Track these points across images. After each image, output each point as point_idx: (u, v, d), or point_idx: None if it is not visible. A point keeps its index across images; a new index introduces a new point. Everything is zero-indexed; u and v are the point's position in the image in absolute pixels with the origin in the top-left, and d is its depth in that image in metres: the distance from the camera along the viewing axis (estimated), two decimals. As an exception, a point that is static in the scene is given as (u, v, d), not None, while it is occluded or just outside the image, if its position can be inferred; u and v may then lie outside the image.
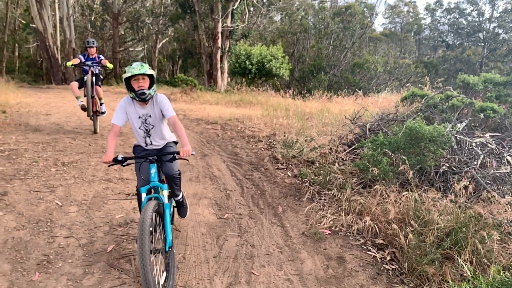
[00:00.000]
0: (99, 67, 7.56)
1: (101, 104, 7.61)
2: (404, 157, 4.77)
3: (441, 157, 5.08)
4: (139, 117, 3.24)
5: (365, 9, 29.75)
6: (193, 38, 26.20)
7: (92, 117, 7.57)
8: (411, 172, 4.60)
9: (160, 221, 2.95)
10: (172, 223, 3.32)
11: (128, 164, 2.97)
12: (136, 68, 2.99)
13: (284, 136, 7.49)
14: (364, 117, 7.80)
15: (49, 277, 2.96)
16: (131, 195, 4.67)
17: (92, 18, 29.95)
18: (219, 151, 6.98)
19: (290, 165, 6.08)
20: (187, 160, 2.88)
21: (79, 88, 7.31)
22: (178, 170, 3.39)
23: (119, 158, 2.94)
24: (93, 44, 7.53)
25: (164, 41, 32.20)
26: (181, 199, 3.64)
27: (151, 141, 3.35)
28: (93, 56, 7.45)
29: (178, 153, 3.02)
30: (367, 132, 6.76)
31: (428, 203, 4.03)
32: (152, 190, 3.09)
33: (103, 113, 7.73)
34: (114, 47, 26.49)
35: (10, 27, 29.63)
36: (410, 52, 37.73)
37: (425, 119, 6.33)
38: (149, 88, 3.08)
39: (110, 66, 7.55)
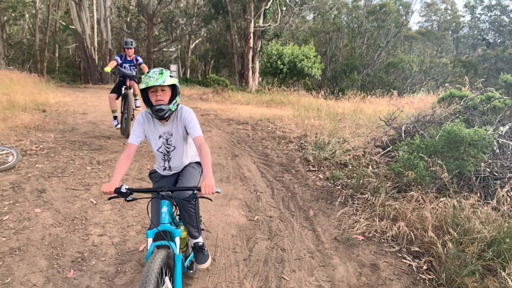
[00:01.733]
0: (136, 70, 7.19)
1: (136, 99, 7.34)
2: (441, 162, 4.56)
3: (482, 161, 4.84)
4: (160, 137, 2.70)
5: (400, 7, 28.99)
6: (225, 38, 26.37)
7: (125, 121, 7.02)
8: (449, 177, 4.41)
9: (170, 277, 2.30)
10: (190, 269, 2.90)
11: (134, 199, 2.36)
12: (153, 77, 2.44)
13: (316, 137, 7.37)
14: (399, 119, 7.56)
15: (83, 275, 3.02)
16: (163, 195, 4.71)
17: (128, 19, 30.72)
18: (250, 151, 6.96)
19: (322, 167, 5.97)
20: (210, 199, 2.39)
21: (117, 98, 6.96)
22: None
23: (123, 189, 2.29)
24: (131, 44, 7.01)
25: (197, 41, 32.63)
26: (200, 243, 2.94)
27: (169, 166, 2.81)
28: (131, 58, 7.04)
29: (199, 189, 2.28)
30: (402, 134, 6.54)
31: (467, 210, 3.83)
32: (162, 235, 2.40)
33: (138, 107, 7.40)
34: (149, 48, 27.06)
35: (51, 28, 30.89)
36: (448, 51, 36.45)
37: (464, 122, 6.05)
38: (171, 101, 2.53)
39: None
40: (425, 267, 3.35)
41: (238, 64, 22.06)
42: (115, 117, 7.11)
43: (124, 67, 7.01)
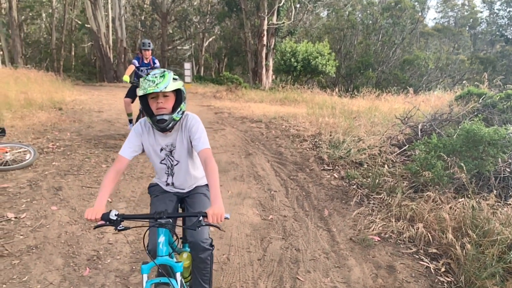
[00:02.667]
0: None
1: None
2: (460, 161, 4.46)
3: (502, 161, 4.72)
4: (161, 149, 2.31)
5: (416, 3, 28.60)
6: (239, 36, 26.38)
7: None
8: (468, 177, 4.31)
9: None
10: None
11: (126, 228, 1.88)
12: (153, 81, 2.04)
13: (330, 135, 7.30)
14: (415, 117, 7.43)
15: (98, 273, 3.04)
16: (177, 193, 4.72)
17: (142, 18, 30.97)
18: (264, 150, 6.93)
19: (337, 166, 5.91)
20: (218, 227, 1.98)
21: (132, 102, 6.70)
22: (209, 238, 2.30)
23: (112, 216, 1.84)
24: (149, 46, 6.61)
25: (210, 39, 32.71)
26: None
27: (172, 182, 2.43)
28: (148, 61, 6.69)
29: (205, 215, 1.85)
30: (419, 133, 6.43)
31: (487, 211, 3.74)
32: (160, 271, 2.08)
33: None
34: (163, 46, 27.23)
35: (67, 27, 31.36)
36: (465, 47, 35.81)
37: (483, 120, 5.92)
38: (174, 109, 2.16)
39: None
40: (443, 269, 3.28)
41: (251, 62, 22.04)
42: (130, 121, 6.93)
43: (142, 71, 6.65)
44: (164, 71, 2.11)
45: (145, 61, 6.66)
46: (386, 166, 5.54)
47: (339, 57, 24.36)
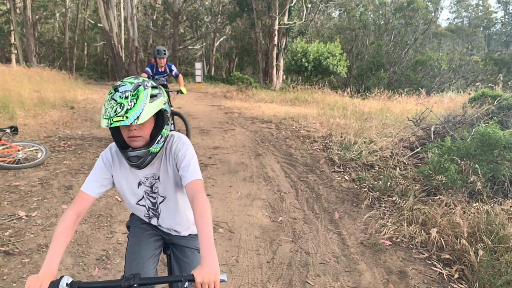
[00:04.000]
0: (167, 79, 6.56)
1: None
2: (475, 165, 4.37)
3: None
4: (140, 184, 1.74)
5: (429, 3, 28.30)
6: (249, 36, 26.38)
7: None
8: (483, 182, 4.22)
9: None
10: None
11: None
12: (120, 106, 1.43)
13: (341, 137, 7.24)
14: (428, 119, 7.33)
15: (107, 273, 3.03)
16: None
17: (154, 17, 31.16)
18: (273, 151, 6.89)
19: (348, 168, 5.84)
20: None
21: None
22: None
23: (63, 285, 1.31)
24: (164, 54, 6.13)
25: (221, 39, 32.78)
26: None
27: (159, 224, 1.86)
28: (163, 69, 6.29)
29: (192, 278, 1.32)
30: (432, 135, 6.34)
31: (502, 217, 3.65)
32: None
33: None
34: (174, 46, 27.34)
35: (80, 27, 31.72)
36: (478, 48, 35.33)
37: (498, 123, 5.80)
38: (154, 136, 1.58)
39: (185, 91, 6.31)
40: (456, 276, 3.21)
41: (262, 61, 22.00)
42: None
43: (157, 79, 6.31)
44: (138, 86, 1.47)
45: (160, 69, 6.28)
46: (398, 168, 5.47)
47: (351, 58, 24.19)
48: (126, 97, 1.44)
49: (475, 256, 3.20)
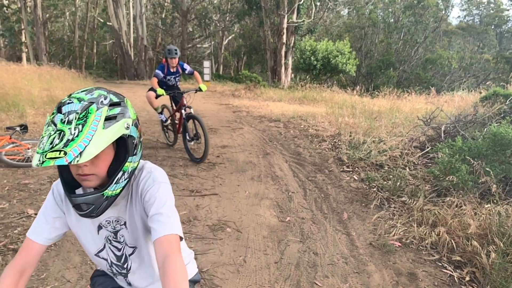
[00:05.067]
0: (179, 79, 6.29)
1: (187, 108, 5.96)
2: (486, 166, 4.30)
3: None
4: (100, 228, 1.32)
5: (439, 1, 27.93)
6: (258, 34, 26.35)
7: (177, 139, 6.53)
8: (495, 182, 4.14)
9: None
10: None
11: None
12: (58, 134, 1.00)
13: (350, 136, 7.18)
14: (438, 118, 7.23)
15: (114, 272, 3.03)
16: (194, 192, 4.70)
17: (163, 16, 31.25)
18: (282, 150, 6.86)
19: (357, 168, 5.79)
20: None
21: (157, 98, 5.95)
22: None
23: None
24: (176, 53, 5.81)
25: (230, 37, 32.79)
26: None
27: (129, 282, 1.41)
28: (175, 69, 6.02)
29: None
30: (442, 135, 6.25)
31: (514, 218, 3.58)
32: None
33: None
34: (183, 44, 27.40)
35: (89, 25, 31.94)
36: (490, 46, 34.90)
37: (511, 123, 5.70)
38: (112, 172, 1.16)
39: (204, 88, 5.87)
40: (467, 278, 3.15)
41: (270, 60, 21.95)
42: (161, 113, 6.39)
43: (169, 80, 6.05)
44: (89, 105, 1.06)
45: (172, 70, 5.97)
46: (407, 168, 5.40)
47: (360, 56, 24.04)
48: (70, 122, 1.01)
49: (486, 258, 3.14)
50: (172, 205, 1.23)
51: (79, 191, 1.24)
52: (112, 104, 1.12)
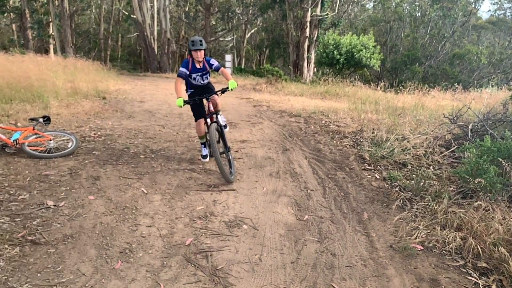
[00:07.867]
0: (209, 77, 5.35)
1: (217, 115, 5.21)
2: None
3: None
4: None
5: (469, -6, 26.99)
6: (281, 28, 26.13)
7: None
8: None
9: None
10: None
11: None
12: None
13: (373, 133, 6.99)
14: (465, 116, 6.96)
15: (129, 267, 3.02)
16: (212, 187, 4.67)
17: (186, 9, 31.35)
18: (301, 146, 6.74)
19: (379, 166, 5.63)
20: None
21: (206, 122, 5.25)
22: None
23: None
24: (201, 45, 4.83)
25: (252, 31, 32.65)
26: None
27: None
28: (201, 65, 5.02)
29: None
30: (469, 134, 6.00)
31: (546, 224, 3.39)
32: None
33: (224, 126, 5.37)
34: (205, 37, 27.43)
35: (114, 18, 32.37)
36: (522, 41, 33.47)
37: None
38: None
39: (233, 85, 4.79)
40: (493, 287, 3.00)
41: (293, 54, 21.72)
42: (203, 144, 5.55)
43: (194, 79, 5.14)
44: None
45: (198, 66, 5.00)
46: (432, 168, 5.21)
47: (385, 50, 23.51)
48: None
49: (515, 266, 2.98)
50: None
51: None
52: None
